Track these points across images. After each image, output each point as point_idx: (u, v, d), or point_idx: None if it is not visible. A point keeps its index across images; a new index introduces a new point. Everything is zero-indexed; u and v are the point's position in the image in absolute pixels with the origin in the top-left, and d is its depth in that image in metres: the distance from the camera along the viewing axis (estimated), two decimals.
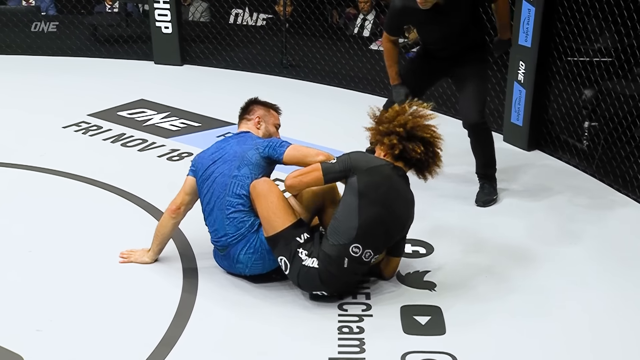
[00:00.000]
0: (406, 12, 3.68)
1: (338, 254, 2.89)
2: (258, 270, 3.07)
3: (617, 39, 4.37)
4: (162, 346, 2.71)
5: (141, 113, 5.33)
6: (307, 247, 2.92)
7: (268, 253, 3.01)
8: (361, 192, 2.90)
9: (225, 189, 3.07)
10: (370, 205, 2.89)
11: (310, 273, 2.90)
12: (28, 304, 2.98)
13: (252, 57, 6.66)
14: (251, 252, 3.03)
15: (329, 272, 2.89)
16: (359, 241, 2.89)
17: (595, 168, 4.29)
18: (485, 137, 3.90)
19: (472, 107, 3.79)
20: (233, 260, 3.08)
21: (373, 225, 2.91)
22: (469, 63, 3.82)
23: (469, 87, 3.81)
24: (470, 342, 2.77)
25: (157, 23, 6.50)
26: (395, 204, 2.96)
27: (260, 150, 3.13)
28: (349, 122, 4.62)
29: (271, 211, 2.95)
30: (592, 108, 4.53)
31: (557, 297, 3.09)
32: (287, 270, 2.95)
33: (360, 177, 2.91)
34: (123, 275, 3.21)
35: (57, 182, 4.15)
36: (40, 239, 3.49)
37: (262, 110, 3.36)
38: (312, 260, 2.90)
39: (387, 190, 2.93)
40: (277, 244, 2.94)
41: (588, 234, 3.63)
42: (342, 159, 2.98)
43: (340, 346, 2.73)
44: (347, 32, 7.19)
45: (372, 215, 2.90)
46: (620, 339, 2.81)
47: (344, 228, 2.89)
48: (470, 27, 3.77)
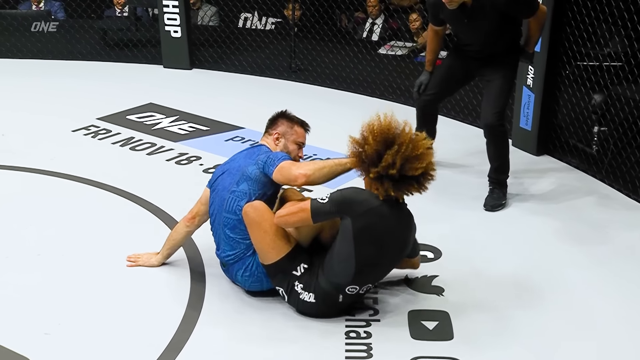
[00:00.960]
0: (438, 5, 3.80)
1: (334, 291, 2.84)
2: (257, 289, 3.04)
3: (627, 44, 4.35)
4: (169, 351, 2.71)
5: (150, 117, 5.35)
6: (303, 279, 2.84)
7: (265, 276, 2.97)
8: (357, 238, 2.73)
9: (223, 204, 3.02)
10: (367, 247, 2.75)
11: (307, 306, 2.88)
12: (36, 307, 2.99)
13: (261, 61, 6.67)
14: (247, 274, 3.00)
15: (325, 306, 2.87)
16: (356, 283, 2.83)
17: (604, 173, 4.27)
18: (500, 140, 3.89)
19: (491, 108, 3.82)
20: (232, 277, 3.09)
21: (371, 267, 2.82)
22: (498, 65, 3.86)
23: (492, 89, 3.86)
24: (477, 347, 2.76)
25: (167, 27, 6.52)
26: (393, 239, 2.81)
27: (260, 165, 3.00)
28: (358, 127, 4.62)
29: (265, 242, 2.83)
30: (602, 113, 4.50)
31: (565, 303, 3.07)
32: (286, 299, 2.93)
33: (354, 221, 2.72)
34: (131, 279, 3.21)
35: (66, 186, 4.17)
36: (49, 243, 3.51)
37: (284, 127, 3.17)
38: (309, 295, 2.85)
39: (384, 231, 2.76)
40: (274, 275, 2.89)
41: (598, 240, 3.61)
42: (335, 200, 2.75)
43: (347, 351, 2.72)
44: (356, 36, 7.19)
45: (369, 256, 2.78)
46: (633, 348, 2.79)
47: (340, 269, 2.79)
48: (500, 34, 3.80)
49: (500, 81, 3.83)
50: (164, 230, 3.63)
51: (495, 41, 3.81)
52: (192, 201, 3.97)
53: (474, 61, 3.94)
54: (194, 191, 4.08)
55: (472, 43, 3.90)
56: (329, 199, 2.77)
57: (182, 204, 3.87)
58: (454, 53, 4.10)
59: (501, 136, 3.88)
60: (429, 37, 4.11)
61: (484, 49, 3.86)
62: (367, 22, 7.28)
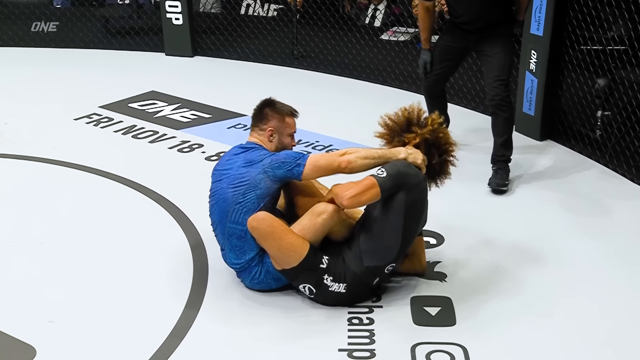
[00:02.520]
0: None
1: (370, 275, 2.86)
2: (267, 289, 3.01)
3: (631, 27, 4.31)
4: (172, 338, 2.72)
5: (152, 105, 5.34)
6: (331, 271, 2.83)
7: (275, 281, 2.95)
8: (407, 211, 2.80)
9: (228, 215, 2.91)
10: (413, 223, 2.86)
11: (338, 297, 2.86)
12: (41, 296, 3.00)
13: (263, 48, 6.65)
14: (256, 282, 2.97)
15: (358, 291, 2.88)
16: (396, 260, 2.87)
17: (608, 158, 4.25)
18: (508, 112, 3.91)
19: (496, 80, 3.85)
20: (242, 280, 3.06)
21: (410, 242, 2.90)
22: (496, 38, 3.88)
23: (493, 62, 3.88)
24: (480, 333, 2.76)
25: (168, 15, 6.50)
26: (425, 215, 2.98)
27: (270, 174, 2.89)
28: (360, 113, 4.61)
29: (283, 248, 2.79)
30: (605, 97, 4.47)
31: (568, 289, 3.07)
32: (312, 295, 2.90)
33: (408, 195, 2.80)
34: (134, 267, 3.22)
35: (69, 174, 4.17)
36: (53, 231, 3.52)
37: (275, 120, 3.05)
38: (339, 286, 2.84)
39: (425, 205, 2.93)
40: (297, 276, 2.85)
41: (601, 225, 3.60)
42: (392, 174, 2.79)
43: (350, 337, 2.73)
44: (358, 23, 7.15)
45: (412, 232, 2.89)
46: (634, 333, 2.79)
47: (384, 248, 2.84)
48: (495, 1, 3.80)
49: (501, 55, 3.86)
50: (166, 219, 3.64)
51: (490, 9, 3.81)
52: (194, 189, 3.99)
53: (469, 35, 3.94)
54: (196, 179, 4.10)
55: (466, 12, 3.88)
56: (386, 174, 2.79)
57: (184, 192, 3.89)
58: (448, 31, 4.09)
59: (508, 107, 3.91)
60: (420, 15, 4.07)
61: (479, 17, 3.84)
62: (369, 8, 7.24)
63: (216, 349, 2.68)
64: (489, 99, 3.94)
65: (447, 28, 4.14)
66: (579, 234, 3.50)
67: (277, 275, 2.93)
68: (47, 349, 2.66)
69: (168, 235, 3.48)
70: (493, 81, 3.87)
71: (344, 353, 2.64)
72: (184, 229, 3.53)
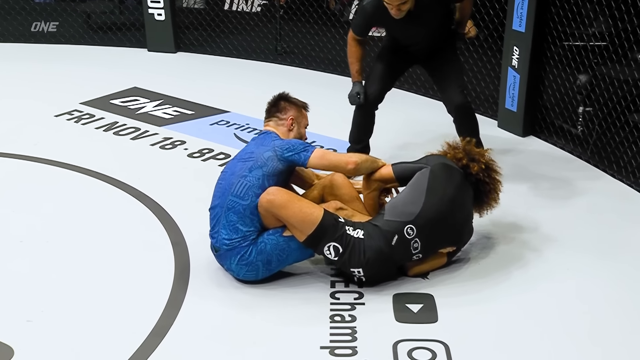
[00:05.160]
0: (378, 16, 3.67)
1: (391, 230, 2.92)
2: (250, 278, 3.02)
3: (612, 23, 4.33)
4: (152, 336, 2.70)
5: (134, 101, 5.30)
6: (349, 223, 2.94)
7: (264, 265, 2.96)
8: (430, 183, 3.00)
9: (231, 187, 2.98)
10: (435, 198, 2.97)
11: (355, 246, 2.89)
12: (19, 295, 2.97)
13: (247, 44, 6.62)
14: (244, 263, 2.96)
15: (375, 246, 2.90)
16: (415, 225, 2.94)
17: (590, 154, 4.27)
18: (473, 117, 3.96)
19: (456, 89, 3.84)
20: (225, 264, 3.05)
21: (432, 219, 2.96)
22: (442, 51, 3.88)
23: (448, 73, 3.88)
24: (462, 329, 2.77)
25: (150, 10, 6.45)
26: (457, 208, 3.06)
27: (279, 154, 3.00)
28: (344, 109, 4.59)
29: (304, 208, 2.90)
30: (587, 93, 4.50)
31: (550, 284, 3.08)
32: (337, 256, 2.91)
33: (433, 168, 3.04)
34: (115, 264, 3.20)
35: (49, 172, 4.13)
36: (32, 229, 3.48)
37: (294, 110, 3.23)
38: (357, 232, 2.91)
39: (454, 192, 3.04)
40: (322, 236, 2.88)
41: (582, 221, 3.62)
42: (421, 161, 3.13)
43: (332, 335, 2.72)
44: (342, 18, 7.14)
45: (432, 208, 2.96)
46: (616, 324, 2.80)
47: (403, 203, 2.98)
48: (442, 26, 3.82)
49: (453, 64, 3.89)
50: (148, 216, 3.61)
51: (439, 35, 3.83)
52: (176, 186, 3.97)
53: (414, 54, 3.94)
54: (178, 176, 4.09)
55: (416, 43, 3.87)
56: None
57: (166, 189, 3.87)
58: (387, 51, 3.99)
59: (472, 112, 3.96)
60: (352, 48, 3.89)
61: (429, 44, 3.86)
62: (353, 4, 7.22)
63: (197, 348, 2.67)
64: (452, 108, 3.88)
65: (388, 44, 4.00)
66: (560, 229, 3.51)
67: (267, 258, 2.94)
68: (26, 349, 2.63)
69: (149, 233, 3.46)
70: (454, 92, 3.84)
71: (325, 350, 2.64)
72: (165, 226, 3.51)
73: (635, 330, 2.77)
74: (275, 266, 2.99)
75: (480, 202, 3.23)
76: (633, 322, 2.82)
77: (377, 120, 4.08)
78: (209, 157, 4.32)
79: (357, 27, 3.86)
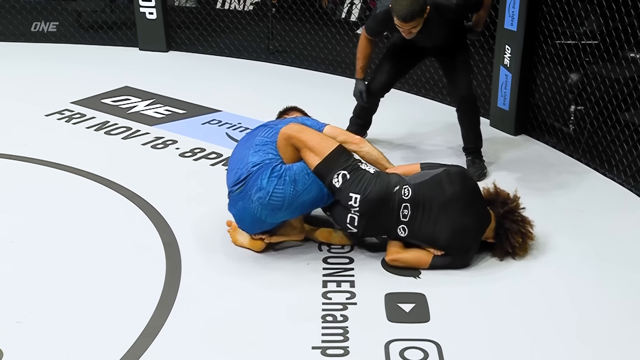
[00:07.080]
0: (388, 24, 3.76)
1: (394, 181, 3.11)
2: (278, 201, 3.04)
3: (603, 22, 4.34)
4: (143, 337, 2.69)
5: (125, 100, 5.28)
6: (362, 161, 3.19)
7: (291, 182, 3.05)
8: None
9: (255, 134, 3.25)
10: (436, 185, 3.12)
11: (363, 176, 3.08)
12: (8, 296, 2.95)
13: (239, 43, 6.60)
14: (275, 176, 3.05)
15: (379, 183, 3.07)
16: (411, 189, 3.09)
17: (581, 152, 4.28)
18: (476, 109, 4.06)
19: (462, 81, 3.97)
20: (251, 192, 3.06)
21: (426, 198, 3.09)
22: (453, 47, 3.99)
23: (455, 65, 3.98)
24: (454, 329, 2.77)
25: (142, 9, 6.41)
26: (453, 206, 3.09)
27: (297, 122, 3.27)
28: (336, 108, 4.59)
29: (321, 136, 3.15)
30: (578, 92, 4.51)
31: (542, 283, 3.08)
32: (344, 182, 3.06)
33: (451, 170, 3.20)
34: (105, 265, 3.18)
35: (40, 172, 4.10)
36: (22, 230, 3.46)
37: (300, 113, 3.60)
38: (369, 167, 3.16)
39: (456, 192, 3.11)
40: (336, 160, 3.07)
41: (573, 220, 3.62)
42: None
43: (324, 335, 2.71)
44: (334, 17, 7.13)
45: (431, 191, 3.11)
46: (604, 321, 2.81)
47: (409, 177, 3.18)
48: (451, 33, 3.91)
49: (462, 57, 4.00)
50: (139, 216, 3.60)
51: (447, 39, 3.93)
52: (167, 185, 3.95)
53: (424, 51, 4.07)
54: (170, 176, 4.07)
55: (426, 46, 4.02)
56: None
57: (157, 189, 3.85)
58: (397, 46, 4.07)
59: (476, 105, 4.06)
60: (362, 46, 3.99)
61: (440, 45, 3.97)
62: (345, 3, 7.21)
63: (188, 348, 2.65)
64: (457, 99, 4.04)
65: (398, 40, 4.05)
66: (551, 228, 3.51)
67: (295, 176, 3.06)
68: (15, 351, 2.61)
69: (140, 233, 3.44)
70: (460, 84, 3.97)
71: (317, 351, 2.63)
72: (156, 226, 3.49)
73: (625, 330, 2.78)
74: (300, 189, 3.06)
75: (501, 241, 3.19)
76: (622, 321, 2.83)
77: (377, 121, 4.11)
78: (201, 157, 4.31)
79: (368, 28, 3.97)
